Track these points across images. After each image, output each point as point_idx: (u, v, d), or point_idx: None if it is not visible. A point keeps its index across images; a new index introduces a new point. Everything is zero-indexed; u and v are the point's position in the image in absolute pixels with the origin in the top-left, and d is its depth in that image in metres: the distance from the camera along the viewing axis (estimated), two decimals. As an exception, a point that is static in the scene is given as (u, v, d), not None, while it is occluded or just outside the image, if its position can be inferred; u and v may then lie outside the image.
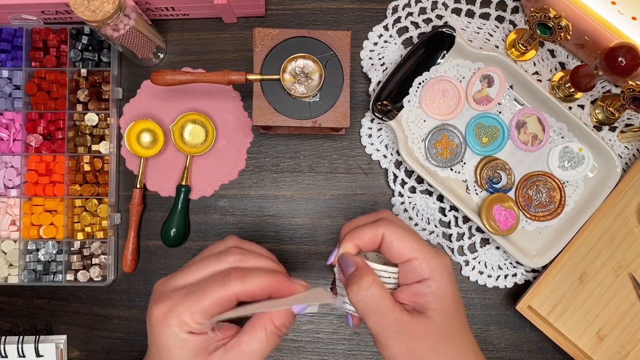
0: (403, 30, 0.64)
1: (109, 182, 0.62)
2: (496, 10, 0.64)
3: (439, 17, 0.64)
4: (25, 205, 0.61)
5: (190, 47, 0.65)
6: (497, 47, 0.63)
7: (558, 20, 0.54)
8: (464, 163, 0.61)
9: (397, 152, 0.63)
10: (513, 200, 0.59)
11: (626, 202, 0.60)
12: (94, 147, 0.62)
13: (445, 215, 0.63)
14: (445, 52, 0.60)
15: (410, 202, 0.63)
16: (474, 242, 0.63)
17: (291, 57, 0.55)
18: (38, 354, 0.60)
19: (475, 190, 0.61)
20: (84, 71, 0.62)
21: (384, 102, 0.60)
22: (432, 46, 0.60)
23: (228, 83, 0.54)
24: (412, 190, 0.63)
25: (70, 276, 0.61)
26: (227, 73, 0.54)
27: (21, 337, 0.60)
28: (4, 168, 0.62)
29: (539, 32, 0.56)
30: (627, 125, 0.63)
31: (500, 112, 0.61)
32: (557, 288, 0.60)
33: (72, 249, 0.62)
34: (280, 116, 0.55)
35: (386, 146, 0.64)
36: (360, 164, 0.64)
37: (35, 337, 0.60)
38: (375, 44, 0.64)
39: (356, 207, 0.64)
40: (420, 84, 0.60)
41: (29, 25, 0.62)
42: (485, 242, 0.63)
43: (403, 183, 0.63)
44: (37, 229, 0.61)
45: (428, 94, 0.60)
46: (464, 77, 0.61)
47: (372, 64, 0.63)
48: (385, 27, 0.64)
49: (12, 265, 0.61)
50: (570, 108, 0.63)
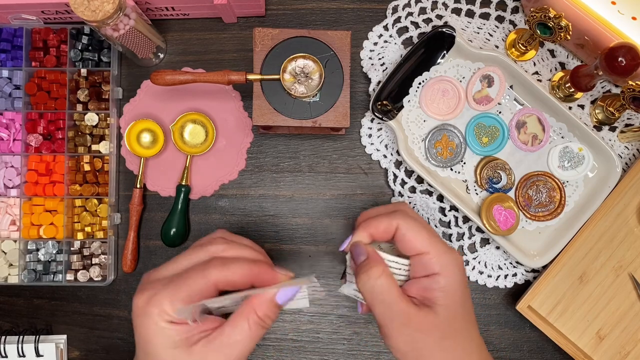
0: (403, 30, 0.64)
1: (109, 182, 0.62)
2: (496, 10, 0.64)
3: (439, 17, 0.64)
4: (25, 205, 0.61)
5: (190, 47, 0.65)
6: (497, 47, 0.63)
7: (558, 20, 0.54)
8: (464, 163, 0.61)
9: (397, 152, 0.63)
10: (513, 200, 0.59)
11: (626, 202, 0.60)
12: (94, 147, 0.62)
13: (445, 215, 0.63)
14: (445, 52, 0.60)
15: (410, 202, 0.63)
16: (474, 242, 0.63)
17: (291, 57, 0.55)
18: (38, 354, 0.60)
19: (475, 190, 0.61)
20: (84, 71, 0.62)
21: (384, 102, 0.60)
22: (432, 46, 0.60)
23: (228, 83, 0.54)
24: (412, 190, 0.63)
25: (70, 276, 0.61)
26: (227, 73, 0.54)
27: (21, 337, 0.60)
28: (4, 168, 0.62)
29: (539, 32, 0.56)
30: (627, 125, 0.63)
31: (500, 112, 0.61)
32: (557, 288, 0.60)
33: (72, 248, 0.62)
34: (280, 116, 0.55)
35: (386, 146, 0.64)
36: (360, 164, 0.64)
37: (35, 337, 0.60)
38: (375, 44, 0.64)
39: (356, 207, 0.64)
40: (420, 84, 0.60)
41: (29, 25, 0.62)
42: (485, 242, 0.63)
43: (403, 183, 0.63)
44: (37, 229, 0.61)
45: (428, 94, 0.60)
46: (464, 77, 0.61)
47: (372, 64, 0.63)
48: (385, 27, 0.64)
49: (12, 265, 0.61)
50: (570, 108, 0.63)
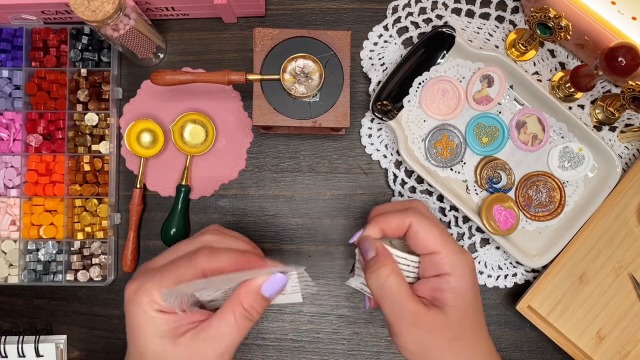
0: (403, 30, 0.64)
1: (109, 182, 0.62)
2: (496, 10, 0.64)
3: (439, 17, 0.64)
4: (25, 205, 0.61)
5: (190, 47, 0.65)
6: (497, 47, 0.63)
7: (558, 20, 0.54)
8: (464, 163, 0.61)
9: (397, 152, 0.63)
10: (513, 200, 0.59)
11: (626, 202, 0.60)
12: (94, 147, 0.62)
13: (445, 215, 0.63)
14: (445, 52, 0.60)
15: (410, 202, 0.63)
16: (474, 242, 0.63)
17: (291, 57, 0.55)
18: (38, 354, 0.60)
19: (475, 190, 0.61)
20: (84, 71, 0.62)
21: (384, 102, 0.60)
22: (432, 46, 0.60)
23: (228, 83, 0.54)
24: (412, 190, 0.63)
25: (70, 276, 0.61)
26: (227, 73, 0.54)
27: (21, 337, 0.60)
28: (4, 168, 0.62)
29: (539, 32, 0.56)
30: (627, 125, 0.63)
31: (500, 112, 0.61)
32: (557, 288, 0.60)
33: (72, 249, 0.62)
34: (280, 116, 0.55)
35: (386, 146, 0.64)
36: (360, 164, 0.64)
37: (35, 337, 0.60)
38: (375, 44, 0.64)
39: (356, 207, 0.64)
40: (420, 84, 0.60)
41: (29, 25, 0.62)
42: (485, 242, 0.63)
43: (403, 183, 0.63)
44: (37, 229, 0.61)
45: (428, 94, 0.60)
46: (464, 77, 0.61)
47: (372, 64, 0.63)
48: (385, 27, 0.64)
49: (12, 265, 0.61)
50: (570, 108, 0.63)
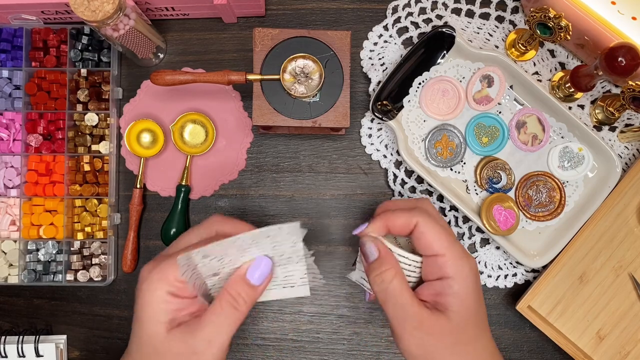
0: (403, 30, 0.64)
1: (109, 182, 0.62)
2: (496, 10, 0.64)
3: (439, 17, 0.64)
4: (25, 205, 0.61)
5: (190, 47, 0.65)
6: (497, 47, 0.63)
7: (558, 20, 0.54)
8: (464, 163, 0.61)
9: (397, 152, 0.63)
10: (513, 200, 0.59)
11: (626, 202, 0.60)
12: (94, 147, 0.62)
13: (445, 215, 0.63)
14: (445, 52, 0.60)
15: (410, 202, 0.63)
16: (474, 242, 0.63)
17: (291, 57, 0.55)
18: (38, 354, 0.60)
19: (475, 190, 0.61)
20: (84, 71, 0.62)
21: (384, 102, 0.60)
22: (432, 46, 0.60)
23: (228, 83, 0.54)
24: (412, 190, 0.63)
25: (70, 276, 0.61)
26: (227, 73, 0.54)
27: (21, 337, 0.60)
28: (4, 168, 0.62)
29: (539, 32, 0.56)
30: (627, 125, 0.63)
31: (500, 112, 0.61)
32: (557, 288, 0.60)
33: (72, 249, 0.62)
34: (280, 116, 0.55)
35: (386, 146, 0.64)
36: (360, 164, 0.64)
37: (35, 337, 0.60)
38: (375, 44, 0.64)
39: (356, 207, 0.64)
40: (420, 84, 0.60)
41: (29, 25, 0.62)
42: (485, 242, 0.63)
43: (403, 183, 0.63)
44: (37, 229, 0.61)
45: (428, 94, 0.60)
46: (464, 77, 0.61)
47: (372, 64, 0.63)
48: (385, 27, 0.64)
49: (12, 265, 0.61)
50: (570, 108, 0.63)
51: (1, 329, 0.63)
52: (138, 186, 0.62)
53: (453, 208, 0.63)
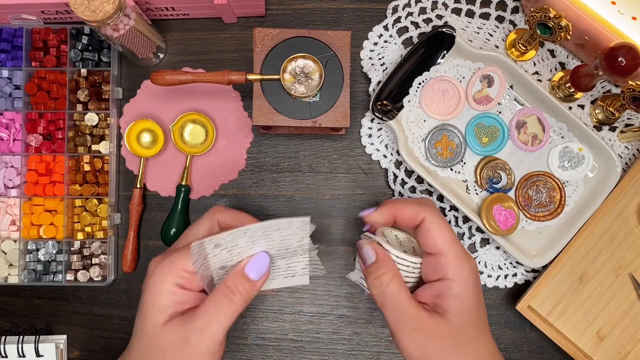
0: (403, 30, 0.64)
1: (109, 182, 0.62)
2: (496, 10, 0.64)
3: (439, 17, 0.64)
4: (25, 205, 0.61)
5: (190, 47, 0.65)
6: (497, 47, 0.63)
7: (558, 20, 0.54)
8: (464, 163, 0.61)
9: (397, 152, 0.63)
10: (513, 200, 0.59)
11: (626, 202, 0.60)
12: (94, 147, 0.62)
13: (445, 215, 0.63)
14: (445, 52, 0.60)
15: (410, 202, 0.63)
16: (474, 242, 0.63)
17: (291, 57, 0.55)
18: (38, 354, 0.60)
19: (475, 190, 0.61)
20: (84, 71, 0.62)
21: (384, 102, 0.60)
22: (432, 46, 0.60)
23: (228, 83, 0.54)
24: (412, 190, 0.63)
25: (70, 276, 0.61)
26: (227, 73, 0.54)
27: (21, 337, 0.60)
28: (4, 168, 0.62)
29: (539, 32, 0.56)
30: (627, 125, 0.63)
31: (500, 112, 0.61)
32: (557, 288, 0.60)
33: (72, 249, 0.62)
34: (280, 116, 0.55)
35: (386, 146, 0.64)
36: (360, 164, 0.64)
37: (35, 337, 0.60)
38: (375, 44, 0.64)
39: (356, 207, 0.64)
40: (420, 84, 0.60)
41: (29, 25, 0.62)
42: (485, 242, 0.63)
43: (403, 183, 0.63)
44: (37, 229, 0.61)
45: (428, 94, 0.60)
46: (464, 77, 0.61)
47: (372, 64, 0.63)
48: (385, 27, 0.64)
49: (12, 265, 0.61)
50: (570, 108, 0.63)
51: (1, 329, 0.63)
52: (138, 186, 0.62)
53: (453, 208, 0.63)
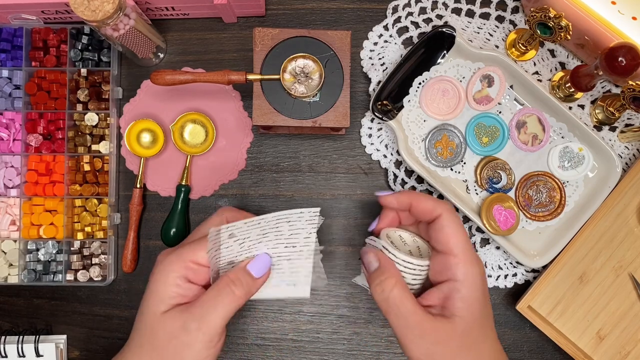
0: (403, 30, 0.64)
1: (109, 182, 0.62)
2: (496, 10, 0.64)
3: (439, 17, 0.64)
4: (25, 205, 0.61)
5: (190, 47, 0.65)
6: (497, 47, 0.63)
7: (558, 20, 0.54)
8: (464, 163, 0.61)
9: (397, 152, 0.63)
10: (513, 200, 0.59)
11: (626, 202, 0.60)
12: (94, 147, 0.62)
13: (445, 215, 0.63)
14: (445, 52, 0.60)
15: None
16: (474, 242, 0.63)
17: (291, 57, 0.55)
18: (38, 354, 0.60)
19: (475, 190, 0.61)
20: (84, 71, 0.62)
21: (384, 102, 0.60)
22: (432, 46, 0.60)
23: (228, 83, 0.54)
24: (412, 190, 0.63)
25: (70, 276, 0.61)
26: (227, 73, 0.54)
27: (21, 337, 0.60)
28: (4, 168, 0.62)
29: (539, 32, 0.56)
30: (627, 125, 0.63)
31: (500, 112, 0.61)
32: (557, 288, 0.60)
33: (72, 248, 0.62)
34: (280, 116, 0.55)
35: (386, 146, 0.64)
36: (360, 164, 0.64)
37: (35, 337, 0.60)
38: (375, 43, 0.64)
39: (356, 207, 0.64)
40: (420, 84, 0.60)
41: (29, 25, 0.62)
42: (485, 242, 0.63)
43: (403, 183, 0.63)
44: (37, 228, 0.61)
45: (428, 94, 0.60)
46: (464, 77, 0.61)
47: (372, 64, 0.63)
48: (385, 27, 0.64)
49: (12, 265, 0.61)
50: (570, 108, 0.63)
51: (1, 329, 0.63)
52: (138, 186, 0.62)
53: (453, 208, 0.63)
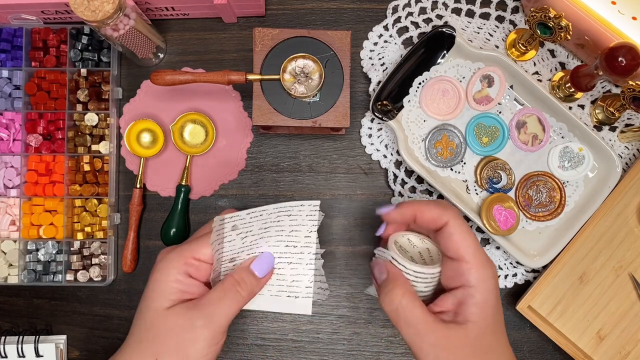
0: (403, 30, 0.64)
1: (109, 182, 0.62)
2: (496, 10, 0.64)
3: (439, 17, 0.64)
4: (25, 205, 0.61)
5: (190, 47, 0.65)
6: (497, 47, 0.63)
7: (558, 20, 0.54)
8: (464, 163, 0.61)
9: (397, 152, 0.63)
10: (513, 200, 0.59)
11: (626, 202, 0.60)
12: (94, 147, 0.62)
13: (445, 215, 0.63)
14: (445, 52, 0.60)
15: (410, 202, 0.63)
16: (474, 242, 0.63)
17: (291, 57, 0.55)
18: (38, 354, 0.60)
19: (476, 190, 0.61)
20: (83, 71, 0.62)
21: (384, 102, 0.59)
22: (432, 46, 0.60)
23: (228, 83, 0.54)
24: (412, 190, 0.63)
25: (70, 276, 0.61)
26: (227, 73, 0.54)
27: (21, 337, 0.60)
28: (4, 168, 0.62)
29: (539, 32, 0.56)
30: (627, 125, 0.63)
31: (500, 112, 0.61)
32: (557, 288, 0.60)
33: (72, 249, 0.62)
34: (280, 116, 0.55)
35: (386, 146, 0.64)
36: (360, 164, 0.64)
37: (35, 337, 0.60)
38: (375, 44, 0.64)
39: (356, 207, 0.64)
40: (420, 84, 0.60)
41: (29, 25, 0.62)
42: (485, 242, 0.63)
43: (403, 183, 0.63)
44: (37, 229, 0.61)
45: (428, 94, 0.60)
46: (464, 77, 0.61)
47: (372, 64, 0.63)
48: (385, 27, 0.64)
49: (12, 265, 0.61)
50: (571, 108, 0.63)
51: (1, 329, 0.63)
52: (138, 186, 0.62)
53: (453, 208, 0.63)
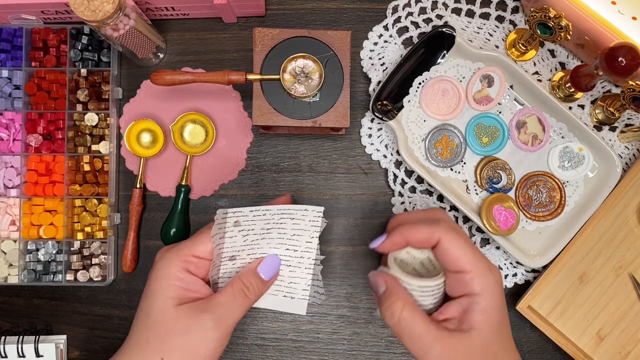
0: (403, 30, 0.64)
1: (109, 182, 0.62)
2: (496, 10, 0.64)
3: (439, 17, 0.64)
4: (25, 205, 0.61)
5: (190, 47, 0.65)
6: (497, 47, 0.63)
7: (558, 20, 0.54)
8: (464, 163, 0.61)
9: (397, 152, 0.63)
10: (513, 200, 0.59)
11: (626, 202, 0.60)
12: (94, 147, 0.62)
13: (445, 215, 0.63)
14: (445, 52, 0.60)
15: (410, 202, 0.63)
16: (474, 242, 0.63)
17: (291, 57, 0.55)
18: (38, 354, 0.60)
19: (475, 190, 0.61)
20: (83, 71, 0.62)
21: (384, 102, 0.60)
22: (432, 46, 0.60)
23: (228, 83, 0.54)
24: (412, 190, 0.63)
25: (70, 276, 0.61)
26: (227, 73, 0.54)
27: (21, 337, 0.60)
28: (4, 168, 0.62)
29: (539, 32, 0.56)
30: (627, 125, 0.63)
31: (500, 112, 0.61)
32: (557, 288, 0.60)
33: (72, 249, 0.62)
34: (280, 116, 0.55)
35: (386, 146, 0.64)
36: (360, 164, 0.64)
37: (35, 337, 0.60)
38: (375, 44, 0.64)
39: (356, 207, 0.64)
40: (420, 84, 0.60)
41: (29, 25, 0.62)
42: (485, 242, 0.63)
43: (403, 183, 0.63)
44: (37, 229, 0.61)
45: (428, 94, 0.60)
46: (464, 77, 0.61)
47: (372, 64, 0.63)
48: (385, 27, 0.64)
49: (12, 265, 0.61)
50: (570, 108, 0.63)
51: (1, 329, 0.63)
52: (138, 186, 0.62)
53: (453, 208, 0.63)
